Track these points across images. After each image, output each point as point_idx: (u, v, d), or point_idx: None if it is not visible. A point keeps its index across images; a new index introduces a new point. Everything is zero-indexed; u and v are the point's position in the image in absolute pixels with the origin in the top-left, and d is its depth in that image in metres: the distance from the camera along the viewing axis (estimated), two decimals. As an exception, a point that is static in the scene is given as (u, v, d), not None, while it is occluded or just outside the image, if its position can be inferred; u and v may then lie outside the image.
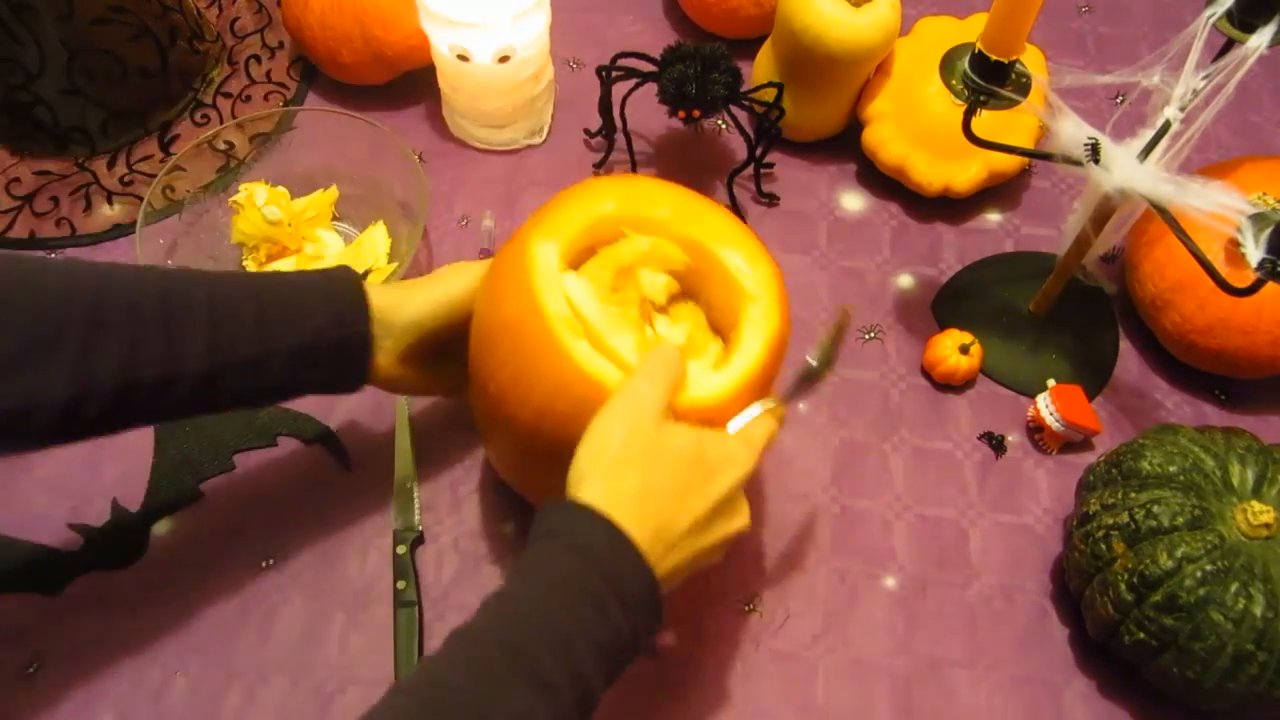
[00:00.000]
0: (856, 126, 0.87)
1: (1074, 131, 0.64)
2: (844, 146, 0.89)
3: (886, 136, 0.84)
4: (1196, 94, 0.60)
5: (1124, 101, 0.91)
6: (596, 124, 0.87)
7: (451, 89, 0.86)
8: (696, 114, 0.79)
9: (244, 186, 0.79)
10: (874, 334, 0.81)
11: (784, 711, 0.65)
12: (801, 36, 0.79)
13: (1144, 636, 0.60)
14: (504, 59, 0.80)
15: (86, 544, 0.70)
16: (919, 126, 0.82)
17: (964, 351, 0.76)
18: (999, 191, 0.87)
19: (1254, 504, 0.60)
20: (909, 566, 0.71)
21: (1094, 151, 0.63)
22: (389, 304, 0.60)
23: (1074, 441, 0.75)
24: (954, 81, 0.81)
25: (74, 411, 0.51)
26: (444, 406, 0.76)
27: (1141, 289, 0.77)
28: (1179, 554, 0.59)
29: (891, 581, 0.70)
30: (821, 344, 0.60)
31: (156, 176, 0.78)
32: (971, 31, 0.84)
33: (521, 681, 0.43)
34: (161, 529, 0.71)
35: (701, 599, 0.69)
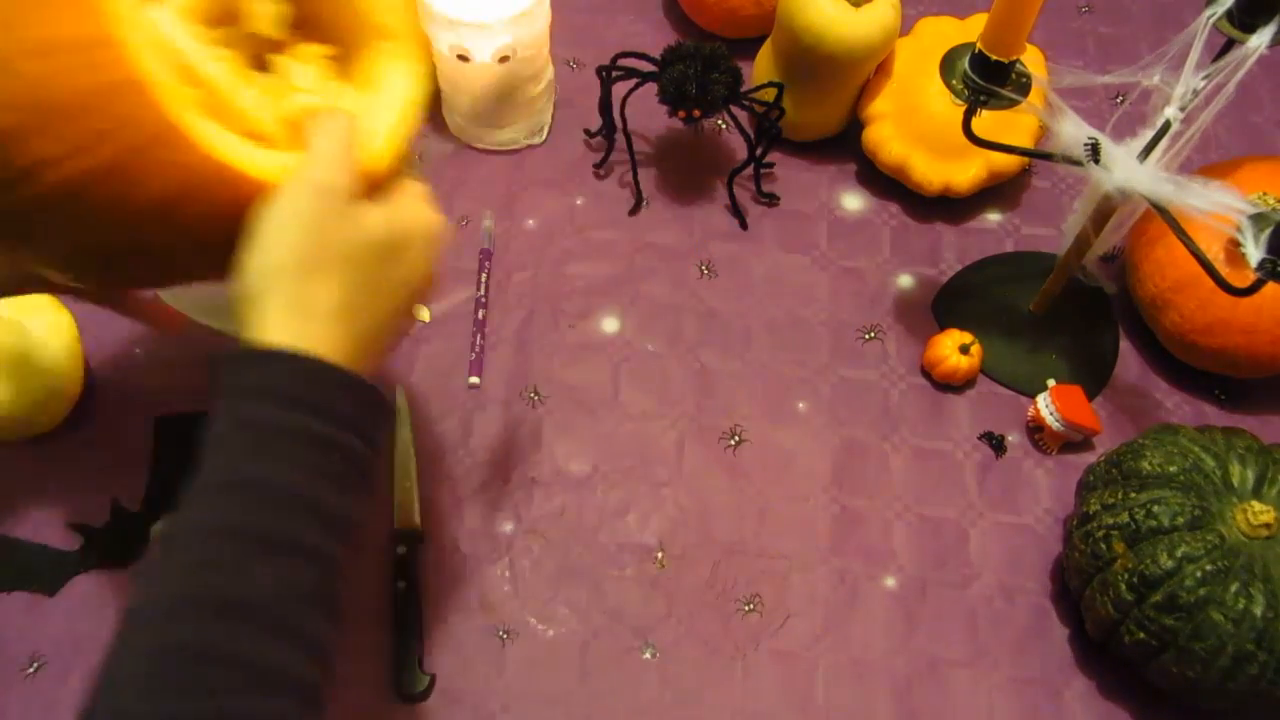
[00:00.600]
0: (856, 126, 0.87)
1: (1074, 131, 0.64)
2: (844, 146, 0.89)
3: (886, 136, 0.84)
4: (1196, 94, 0.60)
5: (1124, 101, 0.91)
6: (596, 124, 0.87)
7: (451, 89, 0.86)
8: (696, 114, 0.79)
9: None
10: (874, 334, 0.81)
11: (784, 711, 0.65)
12: (801, 36, 0.79)
13: (1144, 636, 0.60)
14: (504, 59, 0.80)
15: (86, 544, 0.70)
16: (919, 126, 0.82)
17: (964, 351, 0.76)
18: (999, 191, 0.87)
19: (1254, 504, 0.60)
20: (909, 566, 0.71)
21: (1094, 151, 0.63)
22: None
23: (1074, 441, 0.75)
24: (954, 81, 0.81)
25: None
26: (444, 406, 0.76)
27: (1141, 289, 0.77)
28: (1179, 554, 0.59)
29: (891, 581, 0.70)
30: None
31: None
32: (971, 31, 0.83)
33: (268, 557, 0.40)
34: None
35: (702, 599, 0.69)
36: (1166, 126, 0.61)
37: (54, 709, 0.64)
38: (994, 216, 0.87)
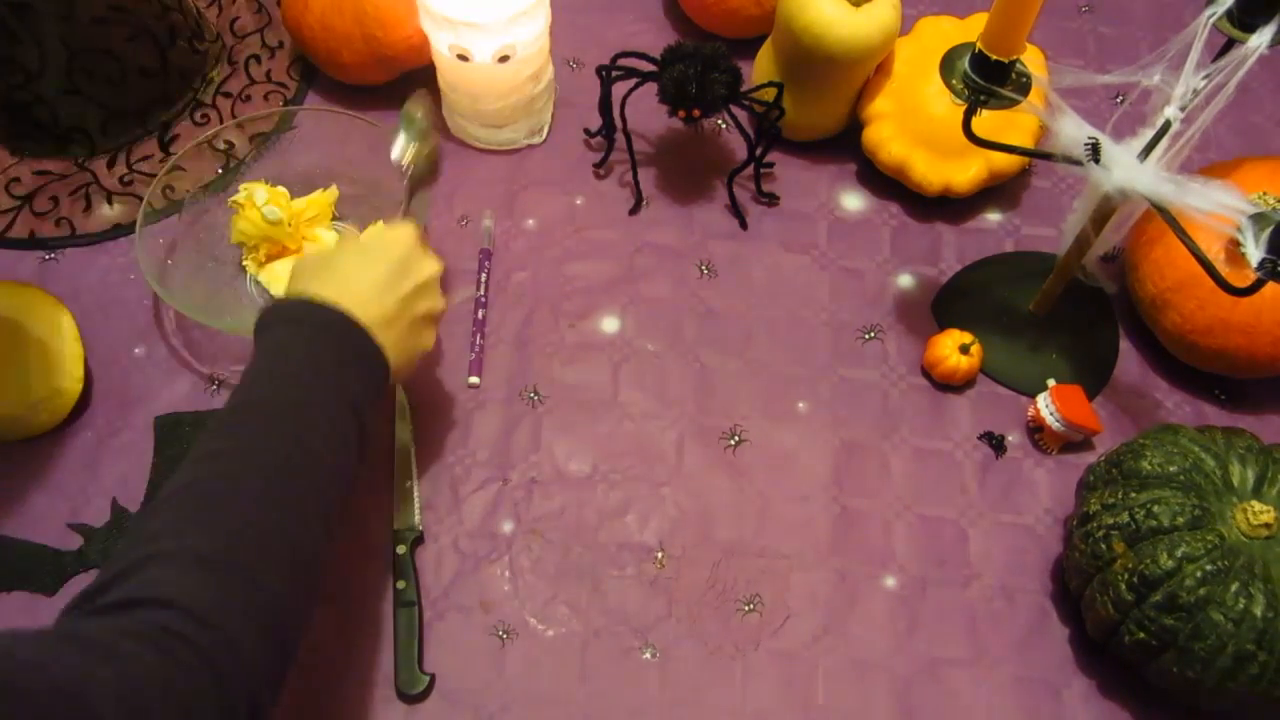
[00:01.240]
0: (856, 126, 0.87)
1: (1074, 131, 0.64)
2: (844, 146, 0.89)
3: (886, 136, 0.84)
4: (1197, 94, 0.60)
5: (1124, 101, 0.91)
6: (596, 124, 0.87)
7: (451, 89, 0.86)
8: (696, 114, 0.79)
9: (244, 186, 0.79)
10: (874, 334, 0.81)
11: (784, 711, 0.65)
12: (801, 36, 0.79)
13: (1144, 636, 0.60)
14: (504, 59, 0.80)
15: (86, 544, 0.70)
16: (919, 126, 0.82)
17: (964, 351, 0.76)
18: (999, 191, 0.87)
19: (1254, 504, 0.60)
20: (909, 566, 0.71)
21: (1094, 151, 0.63)
22: None
23: (1074, 441, 0.75)
24: (954, 81, 0.81)
25: None
26: (444, 406, 0.76)
27: (1141, 289, 0.77)
28: (1179, 554, 0.59)
29: (891, 581, 0.70)
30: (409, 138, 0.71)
31: (156, 176, 0.78)
32: (971, 31, 0.83)
33: (306, 429, 0.53)
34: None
35: (702, 599, 0.69)
36: (1166, 126, 0.61)
37: (54, 709, 0.64)
38: (994, 216, 0.87)
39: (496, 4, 0.77)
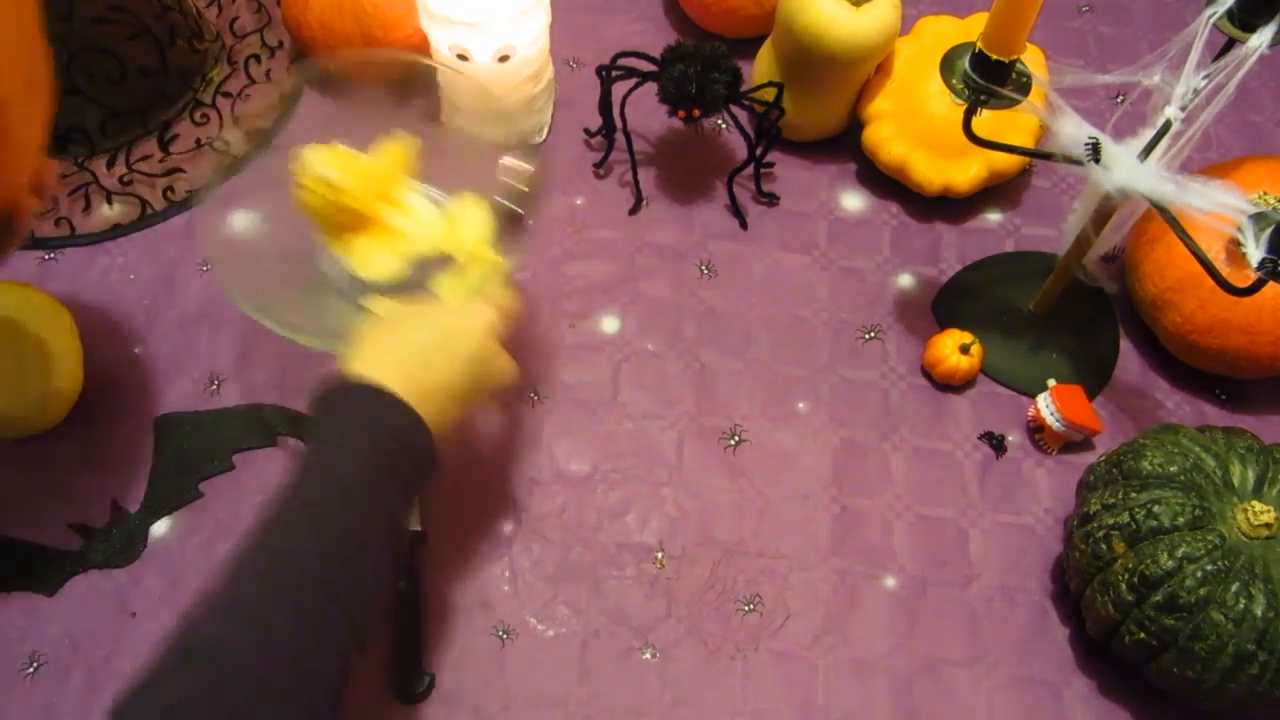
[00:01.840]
0: (856, 126, 0.87)
1: (1074, 131, 0.64)
2: (844, 146, 0.89)
3: (887, 136, 0.84)
4: (1197, 93, 0.60)
5: (1124, 101, 0.91)
6: (596, 124, 0.87)
7: (451, 89, 0.86)
8: (696, 114, 0.79)
9: (294, 151, 0.67)
10: (874, 334, 0.81)
11: (784, 711, 0.65)
12: (801, 36, 0.79)
13: (1144, 636, 0.60)
14: (504, 59, 0.80)
15: (86, 544, 0.70)
16: (919, 126, 0.82)
17: (964, 351, 0.76)
18: (999, 191, 0.87)
19: (1255, 504, 0.60)
20: (909, 566, 0.71)
21: (1094, 151, 0.63)
22: None
23: (1074, 441, 0.75)
24: (954, 81, 0.81)
25: None
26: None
27: (1142, 289, 0.77)
28: (1179, 554, 0.59)
29: (891, 581, 0.70)
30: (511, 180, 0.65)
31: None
32: (972, 31, 0.83)
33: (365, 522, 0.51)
34: (161, 529, 0.71)
35: (702, 599, 0.69)
36: (1167, 126, 0.61)
37: (54, 709, 0.64)
38: (994, 216, 0.87)
39: (496, 4, 0.77)
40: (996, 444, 0.76)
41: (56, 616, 0.67)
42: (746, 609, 0.69)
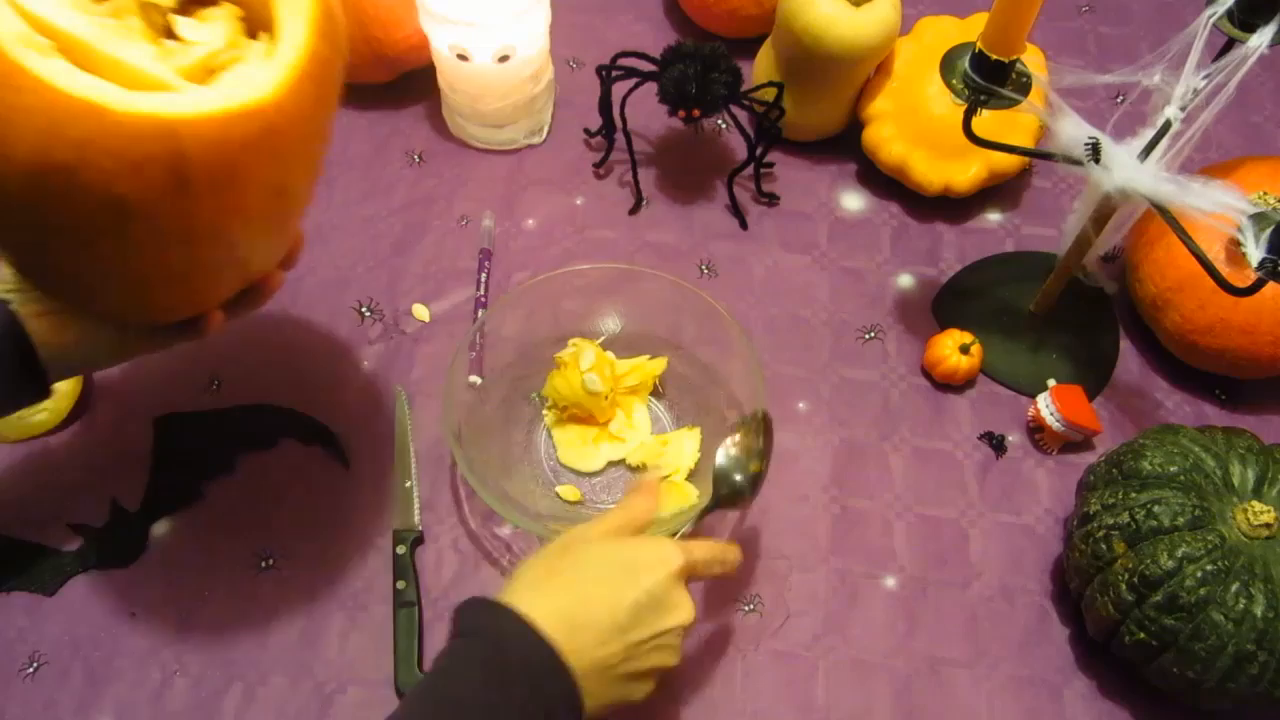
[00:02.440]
0: (856, 126, 0.87)
1: (1074, 131, 0.64)
2: (844, 146, 0.89)
3: (886, 136, 0.84)
4: (1197, 93, 0.60)
5: (1124, 101, 0.91)
6: (596, 124, 0.87)
7: (451, 89, 0.86)
8: (696, 114, 0.79)
9: (573, 342, 0.74)
10: (874, 334, 0.81)
11: (784, 711, 0.65)
12: (801, 36, 0.79)
13: (1144, 636, 0.60)
14: (504, 59, 0.80)
15: (86, 544, 0.70)
16: (919, 126, 0.82)
17: (964, 351, 0.76)
18: (999, 191, 0.87)
19: (1254, 504, 0.60)
20: (909, 566, 0.71)
21: (1094, 151, 0.63)
22: None
23: (1074, 441, 0.75)
24: (954, 81, 0.81)
25: None
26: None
27: (1142, 289, 0.77)
28: (1179, 554, 0.59)
29: (891, 581, 0.70)
30: (739, 456, 0.63)
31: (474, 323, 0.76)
32: (972, 31, 0.83)
33: None
34: (161, 529, 0.71)
35: (702, 599, 0.69)
36: (1167, 126, 0.61)
37: (54, 709, 0.64)
38: (994, 216, 0.87)
39: (496, 4, 0.77)
40: (996, 444, 0.76)
41: (56, 616, 0.67)
42: (746, 609, 0.69)
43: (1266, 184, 0.72)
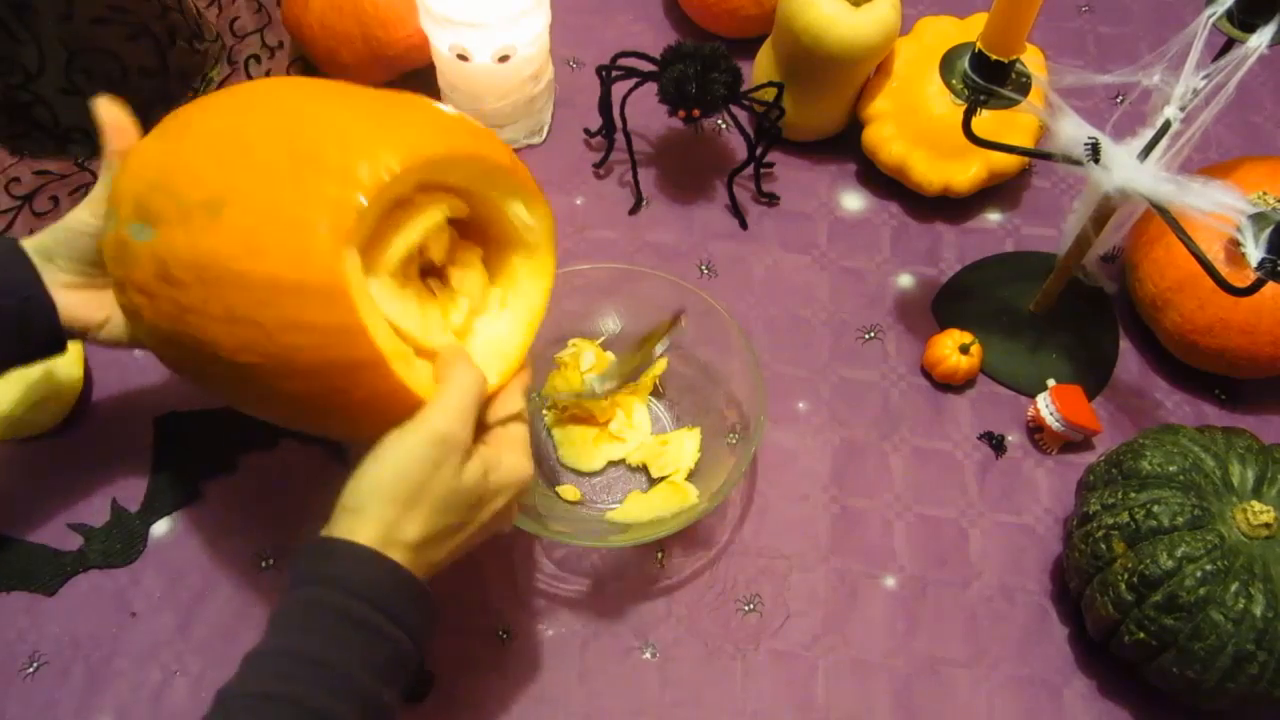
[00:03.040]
0: (856, 126, 0.87)
1: (1074, 131, 0.64)
2: (844, 146, 0.89)
3: (886, 136, 0.84)
4: (1196, 94, 0.60)
5: (1124, 101, 0.91)
6: (596, 124, 0.87)
7: (451, 89, 0.86)
8: (696, 114, 0.79)
9: (573, 343, 0.74)
10: (874, 334, 0.81)
11: (784, 711, 0.65)
12: (801, 36, 0.79)
13: (1144, 636, 0.60)
14: (504, 59, 0.80)
15: (86, 544, 0.70)
16: (919, 126, 0.82)
17: (964, 351, 0.76)
18: (999, 191, 0.87)
19: (1254, 504, 0.60)
20: (909, 566, 0.71)
21: (1094, 151, 0.63)
22: (45, 235, 0.57)
23: (1074, 441, 0.75)
24: (954, 81, 0.81)
25: None
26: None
27: (1141, 289, 0.77)
28: (1179, 554, 0.59)
29: (891, 581, 0.70)
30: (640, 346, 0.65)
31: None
32: (971, 31, 0.83)
33: None
34: (161, 529, 0.71)
35: (702, 599, 0.69)
36: (1166, 126, 0.61)
37: (54, 709, 0.64)
38: (994, 216, 0.87)
39: (496, 4, 0.77)
40: (996, 444, 0.76)
41: (56, 616, 0.67)
42: (746, 609, 0.69)
43: (1266, 184, 0.72)
